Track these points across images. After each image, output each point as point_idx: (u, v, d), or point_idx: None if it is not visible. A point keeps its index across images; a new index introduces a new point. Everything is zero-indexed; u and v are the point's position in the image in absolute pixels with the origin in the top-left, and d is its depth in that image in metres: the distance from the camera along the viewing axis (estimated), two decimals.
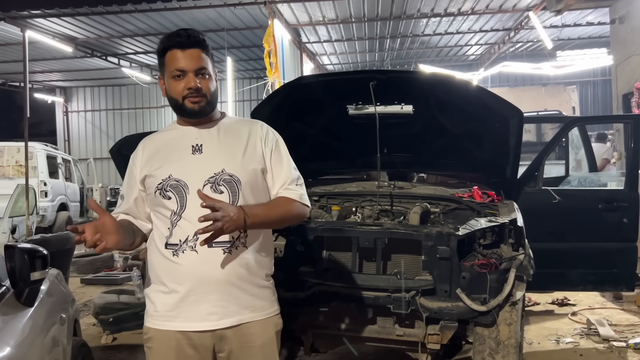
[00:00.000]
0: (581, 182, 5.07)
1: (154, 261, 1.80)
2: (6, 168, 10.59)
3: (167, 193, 1.75)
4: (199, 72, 1.76)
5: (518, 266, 2.67)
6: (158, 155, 1.82)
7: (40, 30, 11.12)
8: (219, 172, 1.76)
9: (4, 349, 1.76)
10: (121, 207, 1.87)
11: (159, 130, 1.97)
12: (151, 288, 1.81)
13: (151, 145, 1.87)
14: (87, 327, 4.72)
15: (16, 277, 1.99)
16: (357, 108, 3.32)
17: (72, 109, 19.86)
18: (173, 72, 1.76)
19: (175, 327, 1.73)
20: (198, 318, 1.72)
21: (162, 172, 1.78)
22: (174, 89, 1.77)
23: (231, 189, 1.76)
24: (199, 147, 1.80)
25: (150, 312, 1.79)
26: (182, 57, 1.75)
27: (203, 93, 1.77)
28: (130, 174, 1.87)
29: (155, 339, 1.77)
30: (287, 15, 10.91)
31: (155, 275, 1.79)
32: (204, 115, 1.82)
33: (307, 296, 2.78)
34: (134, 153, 1.89)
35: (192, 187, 1.73)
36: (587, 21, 13.02)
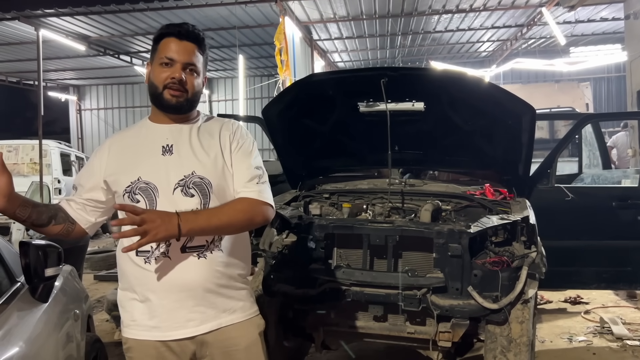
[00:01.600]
0: (594, 179, 5.02)
1: (125, 269, 1.72)
2: (21, 166, 10.71)
3: (136, 196, 1.67)
4: (187, 66, 1.70)
5: (530, 264, 2.66)
6: (126, 154, 1.73)
7: (54, 29, 11.23)
8: (189, 175, 1.68)
9: (19, 344, 1.79)
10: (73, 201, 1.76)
11: (128, 126, 1.87)
12: (124, 296, 1.74)
13: (118, 143, 1.78)
14: (100, 323, 4.76)
15: (31, 273, 2.01)
16: (368, 105, 3.31)
17: (85, 107, 20.02)
18: (162, 58, 1.70)
19: (153, 337, 1.68)
20: (176, 326, 1.67)
21: (131, 174, 1.69)
22: (158, 75, 1.70)
23: (202, 192, 1.69)
24: (169, 147, 1.71)
25: (127, 322, 1.73)
26: (176, 46, 1.70)
27: (185, 88, 1.70)
28: (91, 168, 1.77)
29: (134, 349, 1.72)
30: (298, 13, 10.91)
31: (128, 283, 1.72)
32: (181, 111, 1.74)
33: (318, 293, 2.79)
34: (99, 149, 1.80)
35: (162, 190, 1.66)
36: (601, 17, 12.86)
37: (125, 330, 1.74)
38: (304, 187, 3.70)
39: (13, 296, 2.03)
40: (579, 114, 7.96)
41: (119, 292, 1.77)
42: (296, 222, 2.94)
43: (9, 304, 1.94)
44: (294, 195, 3.54)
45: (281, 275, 2.88)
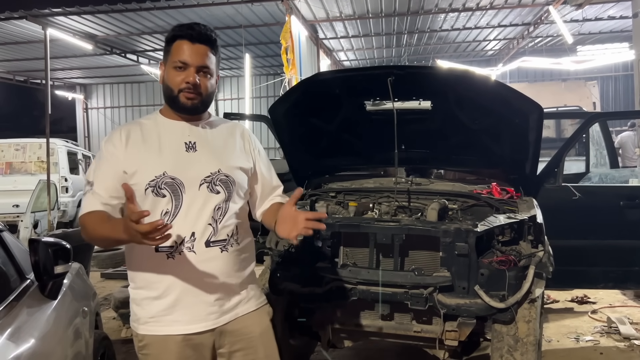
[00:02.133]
0: (602, 178, 5.00)
1: (140, 266, 1.73)
2: (28, 164, 10.77)
3: (162, 191, 1.68)
4: (201, 69, 1.73)
5: (537, 263, 2.66)
6: (145, 148, 1.72)
7: (61, 28, 11.28)
8: (215, 172, 1.74)
9: (29, 340, 1.80)
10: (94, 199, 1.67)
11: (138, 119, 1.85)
12: (138, 294, 1.75)
13: (135, 134, 1.74)
14: (107, 321, 4.79)
15: (40, 270, 2.03)
16: (374, 104, 3.31)
17: (92, 106, 20.11)
18: (176, 62, 1.72)
19: (174, 331, 1.70)
20: (198, 319, 1.71)
21: (154, 167, 1.68)
22: (172, 79, 1.73)
23: (227, 189, 1.75)
24: (192, 144, 1.75)
25: (144, 319, 1.73)
26: (189, 50, 1.71)
27: (200, 91, 1.73)
28: (111, 161, 1.70)
29: (152, 345, 1.72)
30: (304, 12, 10.91)
31: (143, 280, 1.73)
32: (195, 113, 1.78)
33: (325, 292, 2.79)
34: (113, 139, 1.73)
35: (188, 186, 1.69)
36: (609, 15, 12.79)
37: (142, 327, 1.73)
38: (310, 185, 3.70)
39: (23, 293, 2.04)
40: (586, 112, 7.92)
41: (132, 291, 1.78)
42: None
43: (19, 301, 1.96)
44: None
45: (287, 274, 2.89)
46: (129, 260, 1.78)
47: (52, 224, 8.43)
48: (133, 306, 1.78)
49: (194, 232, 1.67)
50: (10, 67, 15.78)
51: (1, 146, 10.84)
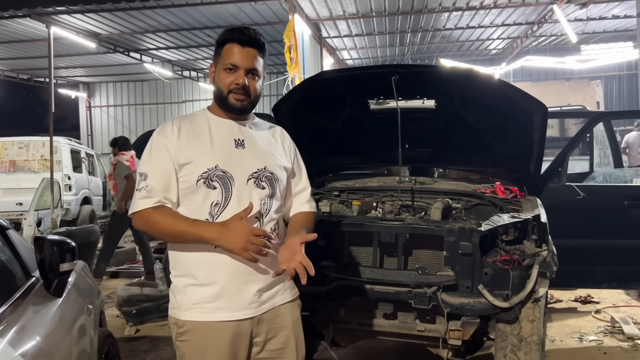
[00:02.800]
0: (606, 178, 4.99)
1: (185, 255, 1.79)
2: (32, 162, 10.78)
3: (213, 183, 1.76)
4: (250, 71, 1.82)
5: (541, 263, 2.65)
6: (198, 141, 1.81)
7: (65, 27, 11.29)
8: (262, 169, 1.84)
9: (34, 338, 1.81)
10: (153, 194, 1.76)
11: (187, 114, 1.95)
12: (182, 281, 1.81)
13: (187, 128, 1.83)
14: (110, 319, 4.81)
15: (46, 268, 2.03)
16: (378, 103, 3.31)
17: (95, 104, 20.14)
18: (226, 64, 1.81)
19: (217, 318, 1.76)
20: (240, 307, 1.78)
21: (207, 160, 1.77)
22: (223, 80, 1.82)
23: (271, 186, 1.86)
24: (241, 142, 1.85)
25: (187, 306, 1.78)
26: (239, 53, 1.80)
27: (248, 92, 1.83)
28: (164, 152, 1.78)
29: (194, 331, 1.77)
30: (308, 10, 10.90)
31: (187, 268, 1.79)
32: (244, 113, 1.88)
33: (328, 290, 2.79)
34: (165, 131, 1.82)
35: (237, 180, 1.79)
36: (613, 14, 12.74)
37: (185, 313, 1.78)
38: (313, 184, 3.68)
39: (28, 291, 2.05)
40: (590, 112, 7.91)
41: (175, 279, 1.83)
42: None
43: (25, 299, 1.96)
44: None
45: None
46: (174, 249, 1.84)
47: (56, 222, 8.45)
48: (175, 294, 1.83)
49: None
50: (14, 65, 15.81)
51: (5, 144, 10.85)
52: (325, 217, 3.05)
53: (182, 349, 1.80)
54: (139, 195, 1.77)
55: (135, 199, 1.78)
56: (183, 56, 15.35)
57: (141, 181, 1.78)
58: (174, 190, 1.78)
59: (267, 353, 1.86)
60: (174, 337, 1.82)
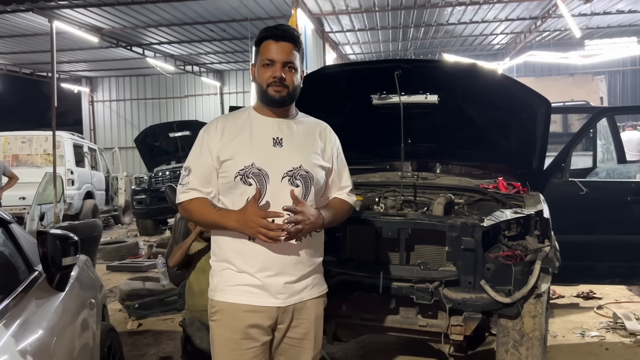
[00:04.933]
0: (609, 173, 4.98)
1: (225, 244, 1.92)
2: (34, 157, 10.80)
3: (249, 179, 1.86)
4: (286, 64, 1.89)
5: (543, 258, 2.65)
6: (238, 139, 1.91)
7: (67, 21, 11.29)
8: (297, 167, 1.91)
9: (37, 331, 1.81)
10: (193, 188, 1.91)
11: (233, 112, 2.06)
12: (219, 265, 1.94)
13: (230, 126, 1.94)
14: (113, 313, 4.82)
15: (48, 262, 2.04)
16: (381, 98, 3.30)
17: (98, 99, 20.16)
18: (264, 60, 1.89)
19: (248, 302, 1.86)
20: (269, 296, 1.87)
21: (244, 158, 1.87)
22: (262, 75, 1.90)
23: (305, 184, 1.92)
24: (279, 140, 1.93)
25: (221, 287, 1.90)
26: (275, 48, 1.88)
27: (286, 84, 1.89)
28: (206, 150, 1.92)
29: (224, 311, 1.88)
30: (310, 5, 10.87)
31: (225, 256, 1.92)
32: (283, 105, 1.94)
33: (330, 285, 2.77)
34: (209, 129, 1.95)
35: (272, 177, 1.87)
36: (617, 9, 12.69)
37: (218, 294, 1.90)
38: None
39: (31, 285, 2.05)
40: (594, 107, 7.87)
41: (214, 264, 1.97)
42: None
43: (28, 292, 1.97)
44: None
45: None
46: (215, 235, 1.97)
47: (58, 217, 8.46)
48: (212, 277, 1.96)
49: (274, 220, 1.79)
50: (17, 60, 15.83)
51: (8, 139, 10.88)
52: None
53: (214, 329, 1.92)
54: (180, 189, 1.94)
55: (177, 191, 1.96)
56: (185, 51, 15.34)
57: (185, 176, 1.94)
58: (214, 184, 1.92)
59: (287, 340, 1.96)
60: (209, 318, 1.95)
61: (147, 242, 8.49)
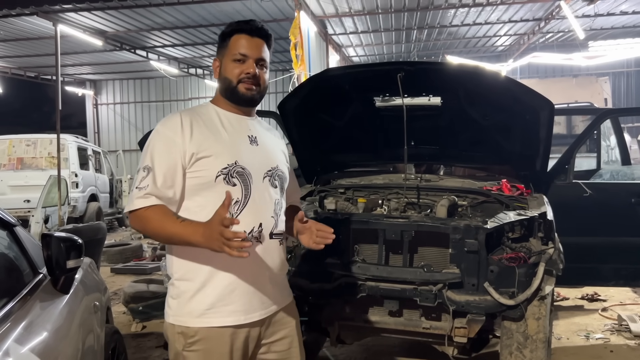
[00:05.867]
0: (613, 175, 4.96)
1: (199, 254, 1.66)
2: (39, 159, 10.85)
3: (233, 179, 1.71)
4: (259, 61, 1.79)
5: (547, 260, 2.65)
6: (213, 136, 1.73)
7: (72, 24, 11.33)
8: (275, 167, 1.84)
9: (42, 334, 1.82)
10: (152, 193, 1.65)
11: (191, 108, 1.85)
12: (188, 286, 1.71)
13: (198, 122, 1.74)
14: (117, 315, 4.83)
15: (53, 264, 2.04)
16: (384, 100, 3.30)
17: (102, 102, 20.21)
18: (236, 55, 1.77)
19: (233, 322, 1.70)
20: (254, 308, 1.74)
21: (226, 156, 1.70)
22: (232, 70, 1.78)
23: (281, 185, 1.86)
24: (254, 138, 1.82)
25: (198, 312, 1.68)
26: (248, 43, 1.78)
27: (258, 82, 1.80)
28: (172, 147, 1.68)
29: (209, 339, 1.68)
30: (313, 7, 10.88)
31: (195, 271, 1.69)
32: (252, 104, 1.85)
33: (334, 287, 2.80)
34: (172, 124, 1.71)
35: (255, 177, 1.75)
36: (621, 10, 12.64)
37: (196, 320, 1.69)
38: (319, 181, 3.70)
39: (36, 287, 2.06)
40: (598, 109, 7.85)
41: (181, 283, 1.72)
42: (312, 216, 2.95)
43: (32, 295, 1.98)
44: (309, 190, 3.55)
45: (296, 270, 2.90)
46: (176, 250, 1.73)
47: (63, 219, 8.50)
48: (179, 300, 1.71)
49: (262, 222, 1.72)
50: (21, 63, 15.88)
51: (12, 142, 10.93)
52: (330, 215, 3.05)
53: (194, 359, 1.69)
54: (137, 193, 1.65)
55: (132, 197, 1.67)
56: (189, 53, 15.37)
57: (144, 178, 1.66)
58: (178, 187, 1.68)
59: (275, 355, 1.83)
60: (179, 348, 1.69)
61: (151, 245, 8.50)
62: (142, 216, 1.65)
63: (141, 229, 1.70)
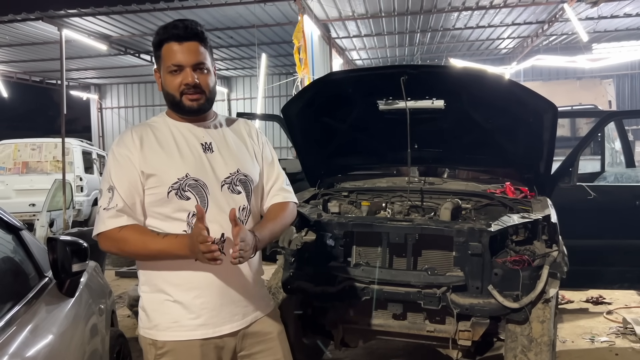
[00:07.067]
0: (617, 178, 4.95)
1: (164, 269, 1.66)
2: (44, 163, 10.89)
3: (186, 193, 1.64)
4: (197, 67, 1.67)
5: (551, 263, 2.65)
6: (162, 150, 1.68)
7: (76, 29, 11.40)
8: (235, 172, 1.73)
9: (47, 337, 1.83)
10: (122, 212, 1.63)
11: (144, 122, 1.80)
12: (156, 298, 1.68)
13: (149, 136, 1.69)
14: (121, 319, 4.83)
15: (58, 268, 2.05)
16: (387, 103, 3.31)
17: (106, 106, 20.29)
18: (170, 67, 1.66)
19: (201, 335, 1.66)
20: (223, 322, 1.69)
21: (176, 169, 1.65)
22: (170, 84, 1.68)
23: (246, 189, 1.75)
24: (209, 145, 1.72)
25: (166, 325, 1.66)
26: (179, 50, 1.65)
27: (202, 89, 1.69)
28: (127, 164, 1.65)
29: (176, 351, 1.65)
30: (317, 11, 10.91)
31: (163, 284, 1.67)
32: (203, 112, 1.75)
33: (337, 291, 2.80)
34: (124, 141, 1.68)
35: (211, 187, 1.67)
36: (625, 12, 12.61)
37: (163, 333, 1.66)
38: (322, 185, 3.71)
39: (42, 291, 2.07)
40: (602, 111, 7.83)
41: (148, 295, 1.72)
42: (315, 220, 2.95)
43: (38, 299, 1.99)
44: (313, 193, 3.55)
45: (300, 273, 2.90)
46: (145, 265, 1.72)
47: (68, 223, 8.52)
48: (148, 312, 1.70)
49: (224, 233, 1.61)
50: (27, 68, 15.97)
51: (18, 146, 10.98)
52: (334, 218, 3.06)
53: None
54: (107, 214, 1.63)
55: (102, 217, 1.64)
56: None
57: (110, 199, 1.63)
58: (139, 204, 1.66)
59: None
60: (151, 358, 1.69)
61: None
62: (117, 237, 1.63)
63: (116, 250, 1.66)
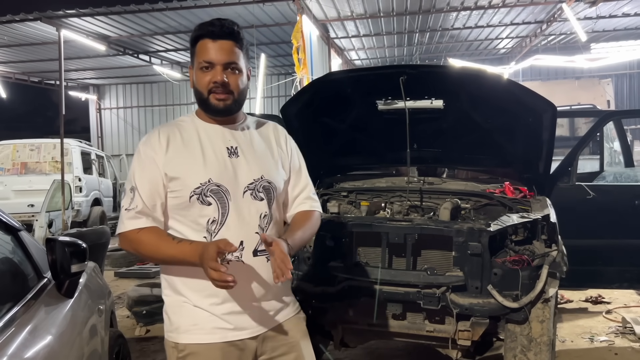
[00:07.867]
0: (617, 177, 4.96)
1: (186, 272, 1.65)
2: (43, 164, 10.90)
3: (207, 199, 1.63)
4: (228, 65, 1.65)
5: (551, 263, 2.64)
6: (188, 152, 1.66)
7: (75, 30, 11.39)
8: (258, 179, 1.70)
9: (46, 338, 1.82)
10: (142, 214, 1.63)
11: (174, 121, 1.78)
12: (177, 300, 1.69)
13: (175, 137, 1.68)
14: (121, 320, 4.84)
15: (57, 269, 2.05)
16: (386, 103, 3.31)
17: (105, 106, 20.26)
18: (201, 63, 1.65)
19: (222, 339, 1.65)
20: (244, 326, 1.68)
21: (199, 174, 1.63)
22: (200, 81, 1.66)
23: (268, 196, 1.72)
24: (234, 149, 1.70)
25: (186, 327, 1.66)
26: (212, 48, 1.64)
27: (230, 89, 1.66)
28: (152, 165, 1.64)
29: (198, 354, 1.65)
30: (316, 11, 10.91)
31: (187, 286, 1.67)
32: (229, 114, 1.72)
33: (337, 291, 2.80)
34: (151, 141, 1.67)
35: (233, 193, 1.65)
36: (623, 12, 12.63)
37: (184, 336, 1.66)
38: (322, 185, 3.71)
39: (40, 292, 2.07)
40: (600, 111, 7.85)
41: (170, 298, 1.71)
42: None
43: (37, 299, 1.98)
44: None
45: (300, 273, 2.90)
46: (166, 268, 1.72)
47: (67, 224, 8.51)
48: (170, 315, 1.70)
49: (243, 240, 1.61)
50: (25, 68, 15.96)
51: (16, 147, 10.99)
52: (333, 218, 3.06)
53: None
54: (127, 214, 1.63)
55: (122, 218, 1.65)
56: None
57: (132, 199, 1.64)
58: (160, 206, 1.65)
59: None
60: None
61: None
62: (134, 239, 1.64)
63: (133, 250, 1.67)
